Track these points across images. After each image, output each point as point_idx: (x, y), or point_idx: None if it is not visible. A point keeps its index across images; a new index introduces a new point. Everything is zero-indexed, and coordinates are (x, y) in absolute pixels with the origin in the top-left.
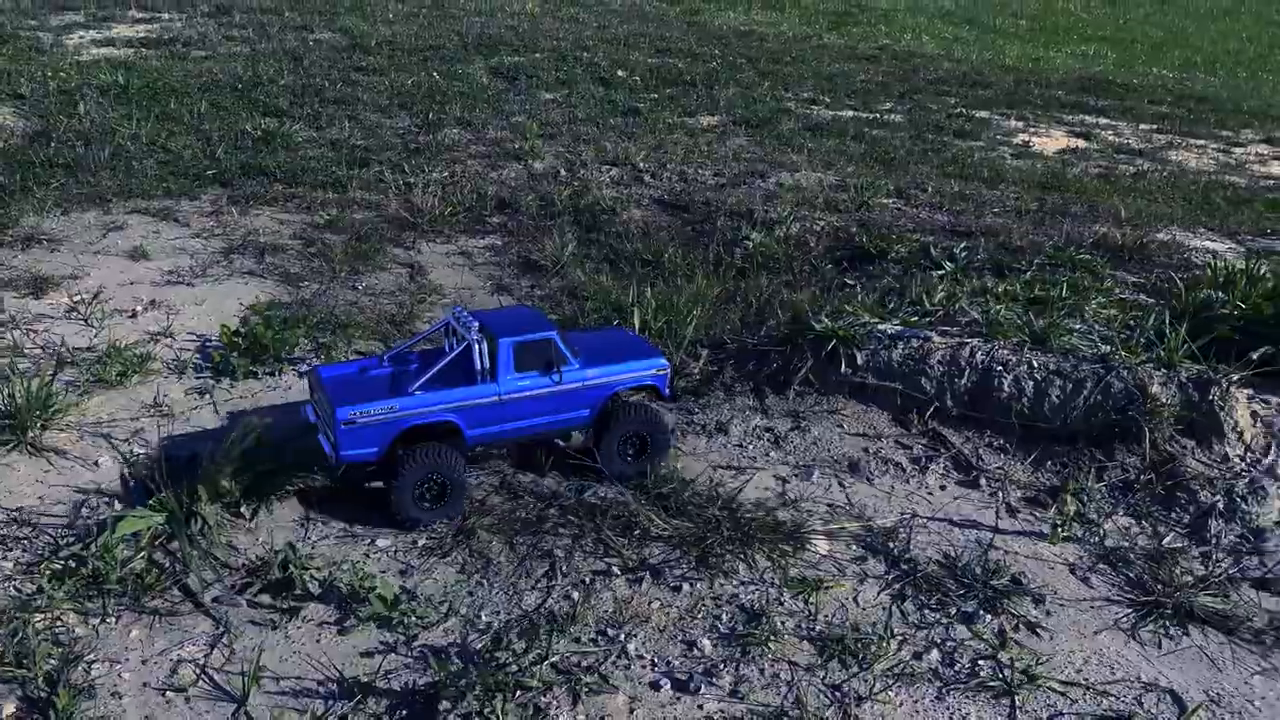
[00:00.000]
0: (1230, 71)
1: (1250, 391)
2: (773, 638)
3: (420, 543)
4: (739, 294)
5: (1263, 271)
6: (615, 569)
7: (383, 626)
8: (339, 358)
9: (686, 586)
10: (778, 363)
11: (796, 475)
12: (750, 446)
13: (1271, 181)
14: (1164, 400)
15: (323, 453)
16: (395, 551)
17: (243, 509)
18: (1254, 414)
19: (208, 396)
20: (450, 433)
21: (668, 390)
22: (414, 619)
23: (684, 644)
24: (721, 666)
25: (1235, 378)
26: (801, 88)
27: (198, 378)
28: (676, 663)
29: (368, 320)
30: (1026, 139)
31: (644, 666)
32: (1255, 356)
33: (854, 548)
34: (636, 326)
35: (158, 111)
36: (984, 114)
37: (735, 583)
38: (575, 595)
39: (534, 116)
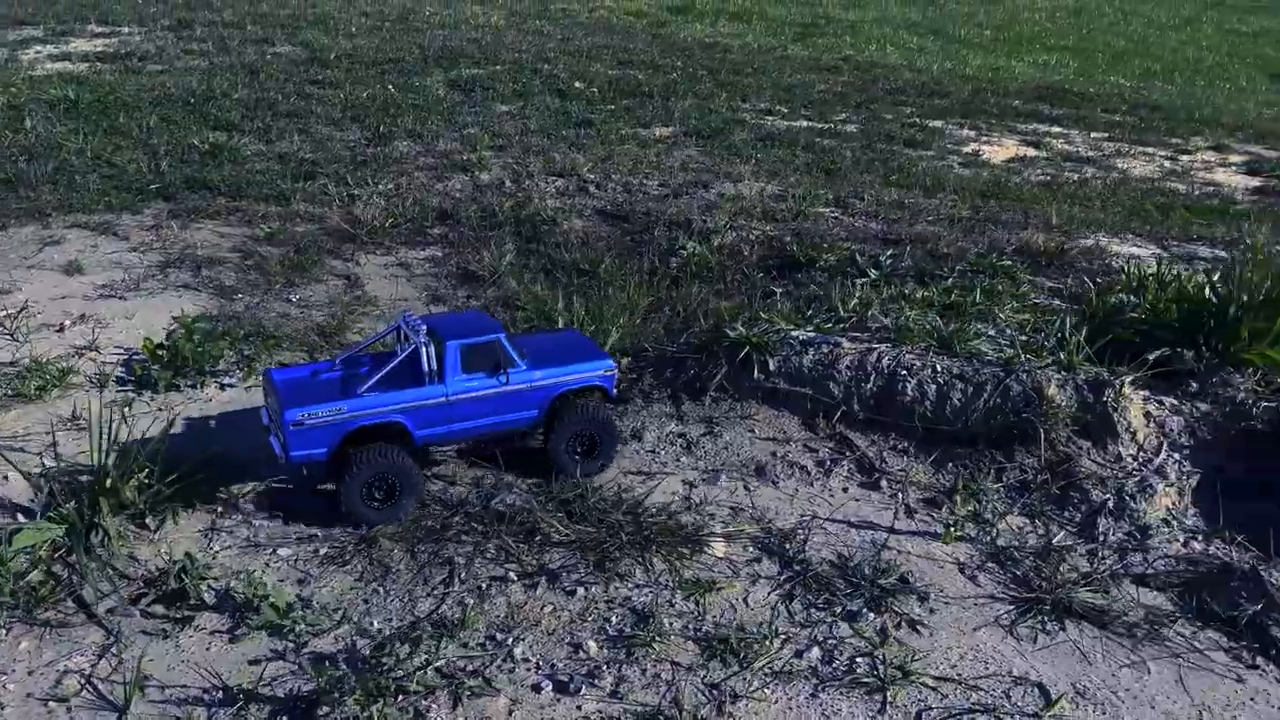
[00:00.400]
0: (1188, 80)
1: (1146, 393)
2: (658, 638)
3: (322, 551)
4: (669, 302)
5: (1171, 276)
6: (513, 575)
7: (274, 635)
8: (258, 369)
9: (581, 590)
10: (694, 370)
11: (704, 480)
12: (663, 452)
13: (1212, 188)
14: (1060, 402)
15: (273, 454)
16: (296, 560)
17: (148, 520)
18: (1148, 414)
19: (126, 409)
20: (399, 434)
21: (614, 390)
22: (305, 627)
23: (571, 646)
24: (605, 668)
25: (1129, 379)
26: (759, 99)
27: (119, 391)
28: (561, 665)
29: (296, 331)
30: (977, 148)
31: (529, 669)
32: (1152, 358)
33: (751, 549)
34: None
35: (106, 126)
36: (938, 123)
37: (630, 585)
38: (470, 601)
39: (487, 128)
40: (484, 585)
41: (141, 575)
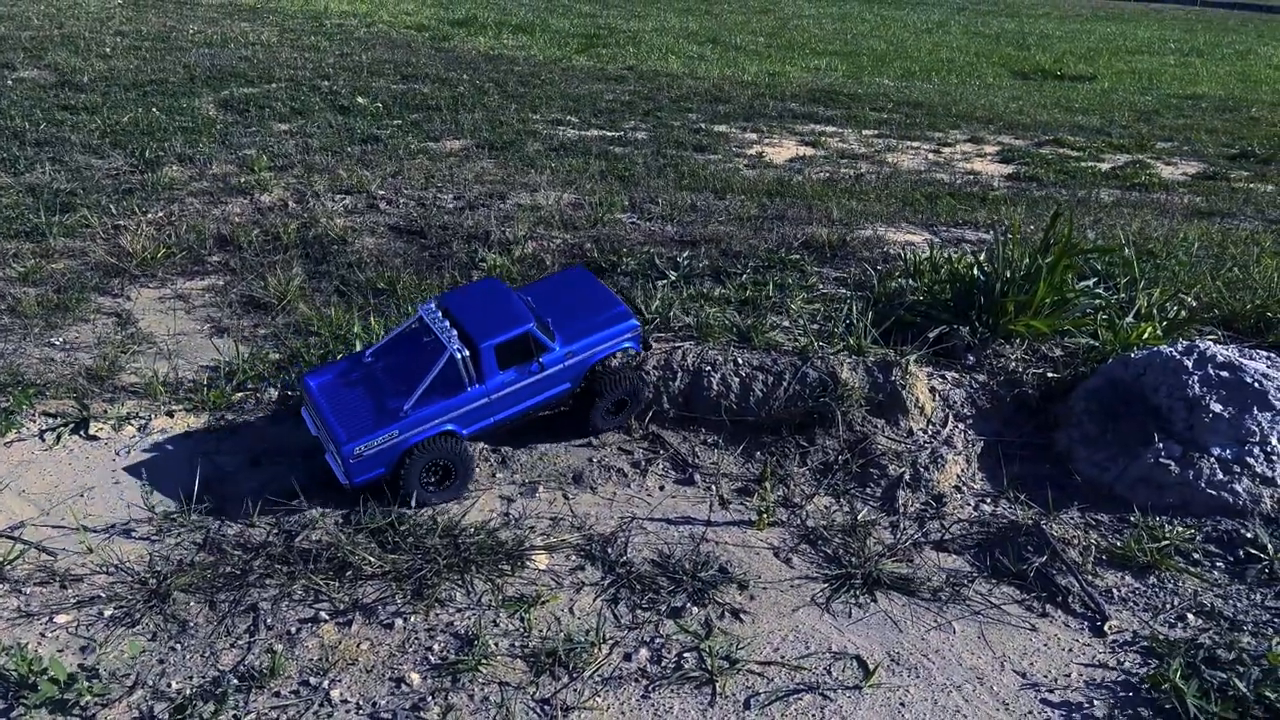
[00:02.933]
0: (944, 79)
1: (930, 369)
2: (484, 660)
3: (107, 614)
4: None
5: (943, 259)
6: (324, 614)
7: (57, 711)
8: (22, 422)
9: (400, 622)
10: None
11: (522, 493)
12: (478, 470)
13: (972, 176)
14: (854, 385)
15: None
16: (76, 627)
17: None
18: (933, 389)
19: None
20: (440, 439)
21: (639, 346)
22: (92, 698)
23: (393, 681)
24: (430, 698)
25: (913, 358)
26: (549, 109)
27: None
28: (384, 702)
29: (61, 377)
30: (761, 150)
31: (349, 711)
32: (931, 336)
33: (573, 558)
34: None
35: None
36: (723, 128)
37: (452, 610)
38: (278, 648)
39: (265, 149)
40: (293, 629)
41: None
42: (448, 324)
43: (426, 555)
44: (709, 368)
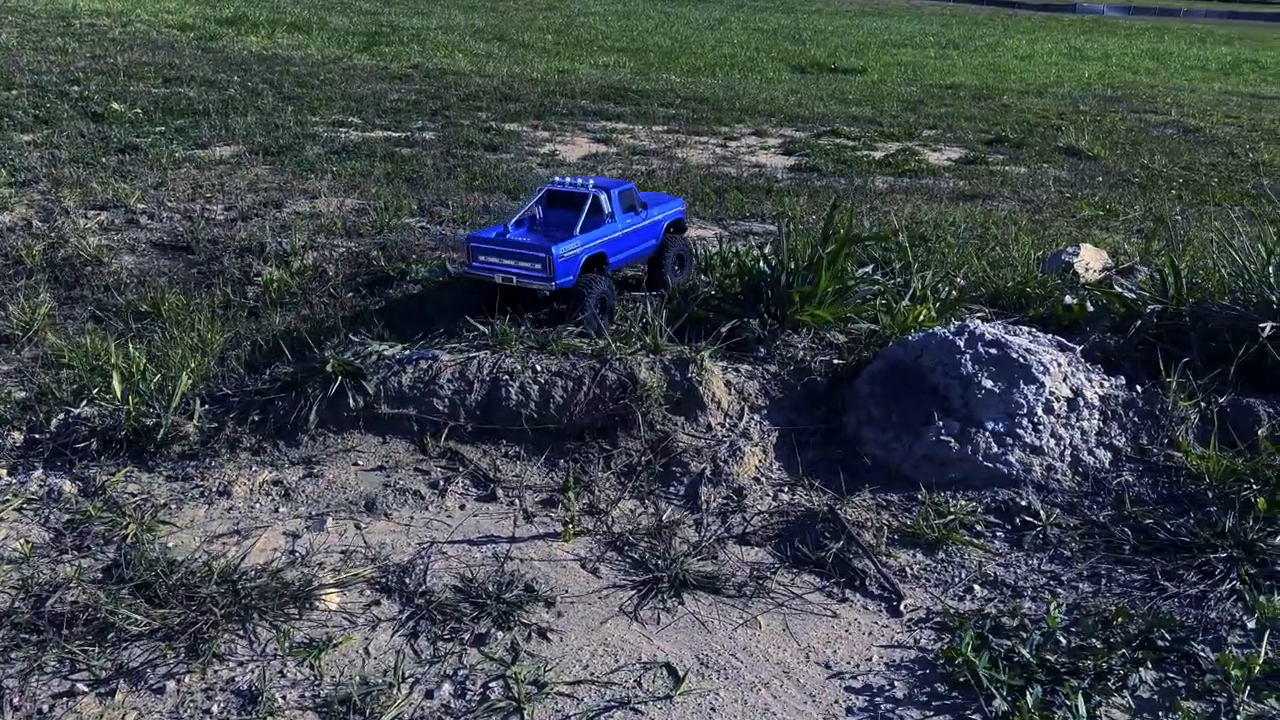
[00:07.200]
0: (727, 74)
1: (725, 363)
2: (271, 717)
3: None
4: (249, 336)
5: (732, 253)
6: (82, 685)
7: None
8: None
9: (172, 684)
10: (284, 408)
11: (309, 527)
12: (259, 505)
13: (757, 169)
14: (652, 384)
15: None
16: None
17: None
18: (728, 383)
19: None
20: (601, 262)
21: (683, 216)
22: None
23: None
24: None
25: (708, 353)
26: (330, 110)
27: None
28: None
29: None
30: (554, 148)
31: None
32: (724, 331)
33: (368, 593)
34: (117, 391)
35: None
36: (514, 127)
37: (233, 664)
38: None
39: (3, 162)
40: (45, 708)
41: None
42: (591, 181)
43: (202, 606)
44: (507, 377)
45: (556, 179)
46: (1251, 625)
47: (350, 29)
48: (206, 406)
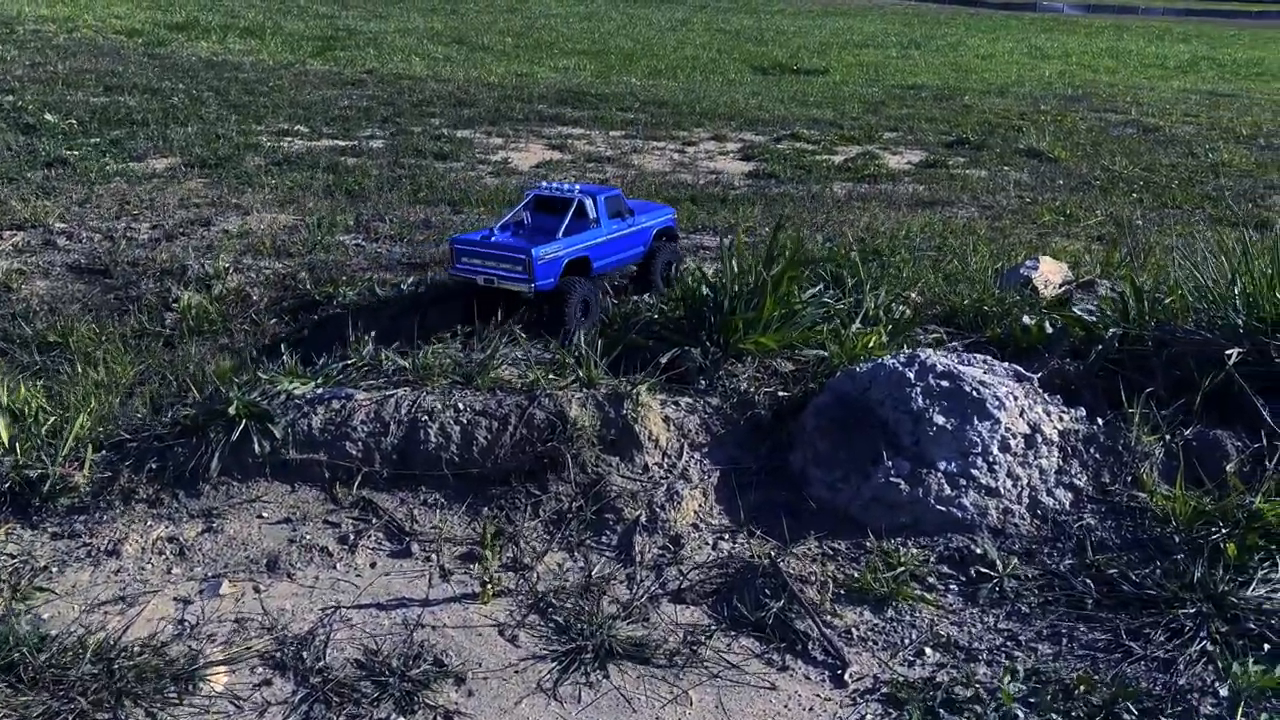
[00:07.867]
0: (689, 76)
1: (664, 397)
2: None
3: None
4: (161, 370)
5: (678, 273)
6: None
7: None
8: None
9: None
10: (184, 455)
11: (202, 592)
12: (149, 567)
13: (714, 175)
14: (584, 423)
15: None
16: None
17: None
18: (666, 419)
19: None
20: (584, 266)
21: (674, 224)
22: None
23: None
24: None
25: (644, 386)
26: (276, 119)
27: None
28: None
29: None
30: (506, 155)
31: None
32: (663, 361)
33: (260, 670)
34: (3, 437)
35: None
36: (467, 133)
37: None
38: None
39: None
40: None
41: None
42: (577, 187)
43: (69, 691)
44: (426, 417)
45: (544, 184)
46: (1224, 693)
47: (305, 33)
48: (102, 453)
